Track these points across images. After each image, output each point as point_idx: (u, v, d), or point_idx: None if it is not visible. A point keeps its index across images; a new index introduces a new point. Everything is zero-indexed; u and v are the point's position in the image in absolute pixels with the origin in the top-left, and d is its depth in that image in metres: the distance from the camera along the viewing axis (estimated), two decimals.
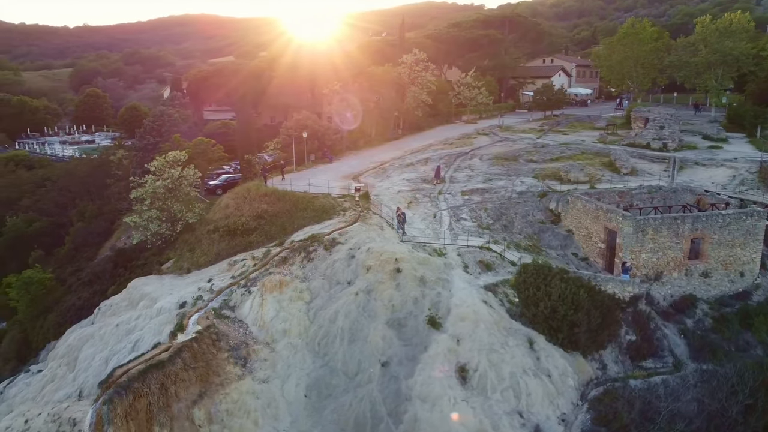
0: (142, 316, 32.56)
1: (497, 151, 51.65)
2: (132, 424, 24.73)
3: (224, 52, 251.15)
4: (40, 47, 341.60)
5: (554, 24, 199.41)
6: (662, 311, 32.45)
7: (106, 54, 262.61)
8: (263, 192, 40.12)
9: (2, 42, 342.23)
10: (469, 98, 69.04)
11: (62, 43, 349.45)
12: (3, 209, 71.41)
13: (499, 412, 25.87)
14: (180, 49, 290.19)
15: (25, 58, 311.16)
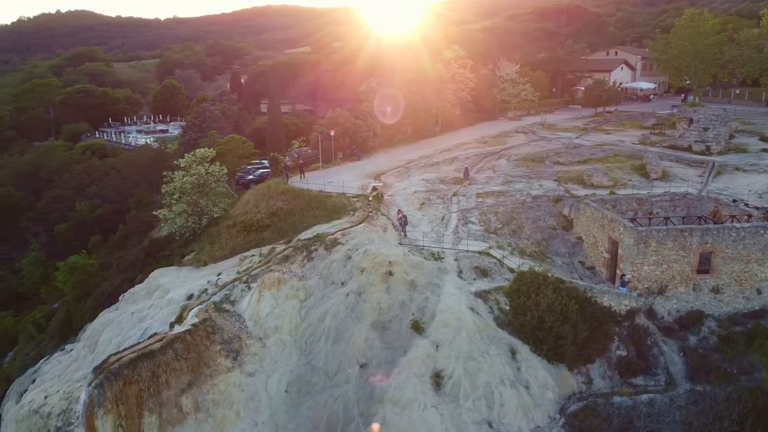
0: (154, 305, 34.87)
1: (527, 152, 50.73)
2: (122, 407, 26.80)
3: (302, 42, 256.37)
4: (133, 39, 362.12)
5: (639, 11, 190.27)
6: (665, 327, 31.22)
7: (190, 45, 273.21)
8: (281, 190, 41.58)
9: (100, 34, 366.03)
10: (513, 95, 67.79)
11: (153, 35, 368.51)
12: (74, 195, 77.23)
13: (468, 421, 26.05)
14: (259, 39, 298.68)
15: (119, 49, 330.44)
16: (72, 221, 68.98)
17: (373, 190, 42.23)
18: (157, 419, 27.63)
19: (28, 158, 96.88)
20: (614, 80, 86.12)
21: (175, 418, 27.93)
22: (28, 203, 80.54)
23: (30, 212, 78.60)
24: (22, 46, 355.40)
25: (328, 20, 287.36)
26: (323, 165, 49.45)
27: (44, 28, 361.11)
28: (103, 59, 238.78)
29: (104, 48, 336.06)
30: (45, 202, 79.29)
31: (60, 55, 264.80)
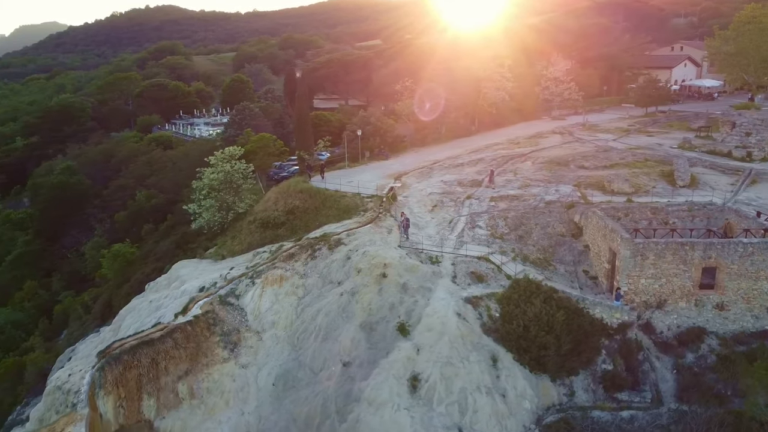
0: (170, 295, 37.25)
1: (555, 154, 49.78)
2: (122, 390, 29.16)
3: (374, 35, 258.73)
4: (215, 33, 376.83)
5: (719, 5, 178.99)
6: (662, 342, 30.37)
7: (265, 39, 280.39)
8: (299, 188, 43.03)
9: (185, 28, 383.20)
10: (556, 94, 66.29)
11: (233, 28, 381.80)
12: (136, 184, 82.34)
13: (438, 425, 26.55)
14: (332, 33, 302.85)
15: (201, 42, 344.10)
16: (130, 210, 73.63)
17: (390, 190, 42.94)
18: (155, 403, 29.85)
19: (101, 148, 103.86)
20: (675, 78, 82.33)
21: (171, 403, 30.05)
22: (96, 191, 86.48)
23: (97, 200, 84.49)
24: (114, 40, 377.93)
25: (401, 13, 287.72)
26: (350, 164, 50.57)
27: (134, 23, 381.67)
28: (183, 53, 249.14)
29: (187, 41, 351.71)
30: (110, 190, 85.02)
31: (146, 49, 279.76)
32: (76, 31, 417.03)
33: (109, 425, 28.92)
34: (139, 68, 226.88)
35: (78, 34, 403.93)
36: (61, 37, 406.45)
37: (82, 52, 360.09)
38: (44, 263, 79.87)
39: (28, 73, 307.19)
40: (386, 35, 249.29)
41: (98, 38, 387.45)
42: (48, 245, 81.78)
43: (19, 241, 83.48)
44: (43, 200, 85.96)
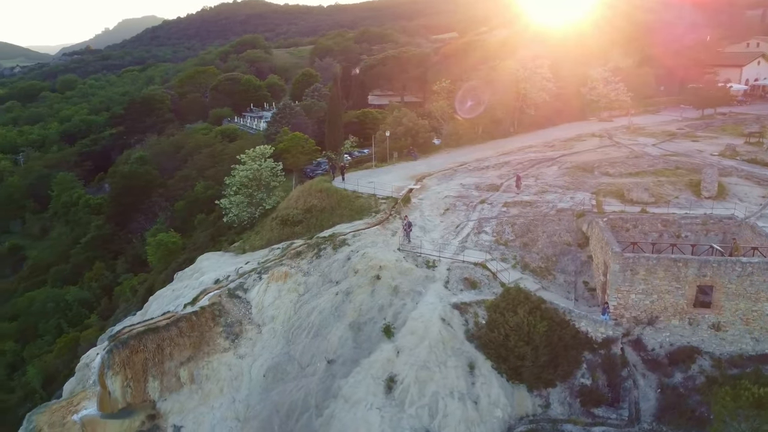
0: (189, 286, 40.00)
1: (584, 159, 48.72)
2: (128, 371, 31.90)
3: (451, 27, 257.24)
4: (297, 26, 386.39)
5: None
6: (651, 359, 29.68)
7: (343, 32, 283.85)
8: (319, 188, 44.67)
9: (269, 21, 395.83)
10: (602, 94, 64.30)
11: (314, 21, 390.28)
12: (197, 175, 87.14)
13: (406, 426, 27.43)
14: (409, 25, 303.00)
15: (284, 36, 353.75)
16: (187, 200, 78.17)
17: (408, 192, 43.77)
18: (158, 385, 32.48)
19: (172, 140, 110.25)
20: (746, 77, 77.57)
21: (173, 386, 32.60)
22: (162, 180, 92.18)
23: (162, 189, 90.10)
24: (203, 33, 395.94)
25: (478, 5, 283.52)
26: (377, 164, 51.68)
27: (222, 17, 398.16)
28: (263, 46, 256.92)
29: (270, 35, 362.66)
30: (175, 180, 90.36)
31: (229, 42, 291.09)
32: (169, 24, 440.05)
33: (116, 402, 31.80)
34: (222, 61, 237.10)
35: (171, 28, 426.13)
36: (156, 30, 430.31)
37: (174, 45, 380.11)
38: (113, 246, 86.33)
39: (124, 65, 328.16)
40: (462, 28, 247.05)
41: (189, 31, 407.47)
42: (117, 230, 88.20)
43: (92, 225, 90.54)
44: (115, 187, 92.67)
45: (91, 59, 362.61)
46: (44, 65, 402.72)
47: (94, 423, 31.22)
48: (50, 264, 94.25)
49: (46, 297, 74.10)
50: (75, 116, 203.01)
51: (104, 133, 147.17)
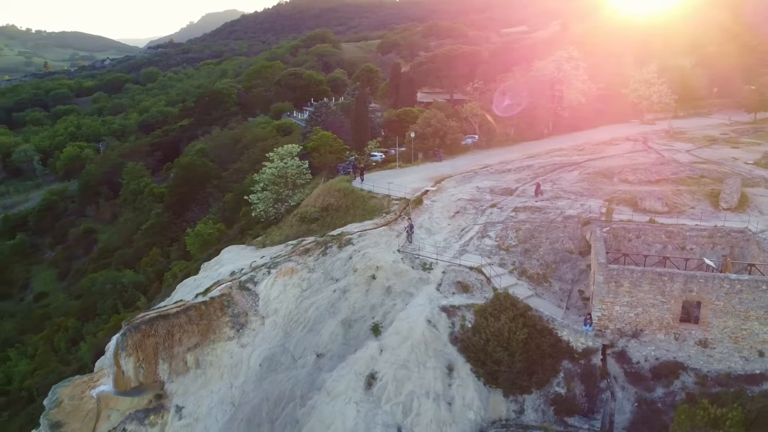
0: (208, 276, 42.66)
1: (607, 165, 47.85)
2: (141, 353, 34.74)
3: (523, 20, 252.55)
4: (369, 19, 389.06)
5: None
6: (634, 372, 29.57)
7: (410, 26, 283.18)
8: (337, 187, 46.29)
9: (341, 15, 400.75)
10: (643, 97, 62.34)
11: (386, 15, 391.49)
12: (249, 168, 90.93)
13: (379, 422, 28.68)
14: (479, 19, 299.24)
15: (355, 29, 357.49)
16: (236, 192, 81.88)
17: (423, 194, 44.68)
18: (168, 368, 35.17)
19: (231, 133, 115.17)
20: None
21: (180, 369, 35.21)
22: (217, 172, 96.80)
23: (216, 180, 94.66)
24: (278, 27, 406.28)
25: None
26: (401, 165, 52.68)
27: (296, 11, 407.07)
28: (332, 40, 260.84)
29: (342, 28, 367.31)
30: (229, 172, 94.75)
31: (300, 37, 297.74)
32: (247, 18, 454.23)
33: (129, 381, 34.76)
34: (292, 55, 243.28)
35: (248, 22, 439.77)
36: (234, 24, 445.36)
37: (250, 39, 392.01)
38: (170, 233, 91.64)
39: (203, 58, 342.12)
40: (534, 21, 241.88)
41: (265, 25, 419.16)
42: (174, 218, 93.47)
43: (152, 212, 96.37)
44: (174, 177, 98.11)
45: (172, 52, 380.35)
46: (131, 58, 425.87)
47: (108, 398, 34.30)
48: (116, 247, 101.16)
49: (105, 279, 79.88)
50: (153, 107, 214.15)
51: (174, 125, 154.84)
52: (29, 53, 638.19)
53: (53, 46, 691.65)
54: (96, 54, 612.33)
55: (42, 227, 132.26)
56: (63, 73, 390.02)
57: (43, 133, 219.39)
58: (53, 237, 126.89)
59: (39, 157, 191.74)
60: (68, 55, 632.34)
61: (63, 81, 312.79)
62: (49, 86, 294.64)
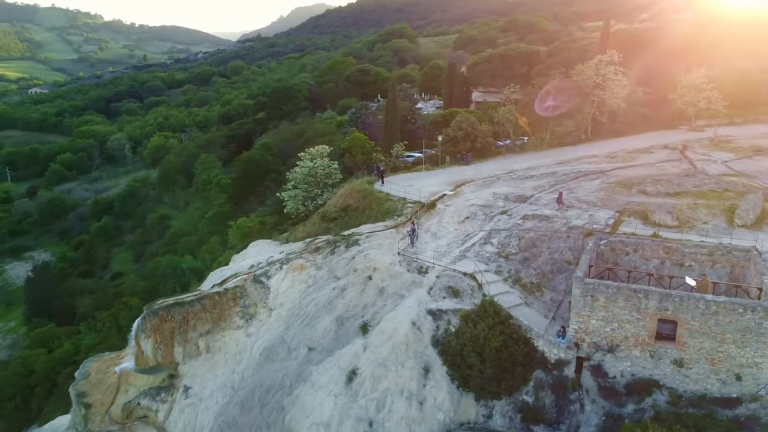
0: (232, 268, 45.87)
1: (632, 174, 46.88)
2: (158, 336, 38.32)
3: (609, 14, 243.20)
4: (450, 13, 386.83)
5: None
6: (608, 387, 29.66)
7: (489, 21, 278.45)
8: (357, 188, 48.22)
9: (422, 9, 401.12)
10: (690, 103, 59.91)
11: (468, 9, 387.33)
12: None
13: (353, 415, 30.55)
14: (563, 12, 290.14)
15: (436, 24, 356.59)
16: None
17: (439, 198, 45.84)
18: (182, 351, 38.58)
19: (294, 128, 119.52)
20: None
21: (193, 353, 38.53)
22: (276, 167, 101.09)
23: (275, 174, 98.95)
24: (361, 22, 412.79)
25: None
26: (427, 168, 53.84)
27: (378, 5, 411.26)
28: (409, 36, 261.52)
29: (422, 22, 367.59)
30: (286, 167, 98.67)
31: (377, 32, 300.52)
32: (331, 13, 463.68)
33: (148, 360, 38.43)
34: (369, 50, 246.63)
35: (332, 16, 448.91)
36: (318, 19, 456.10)
37: (333, 33, 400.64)
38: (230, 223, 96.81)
39: (287, 53, 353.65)
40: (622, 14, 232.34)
41: (348, 20, 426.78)
42: (235, 209, 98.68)
43: (215, 202, 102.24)
44: (237, 170, 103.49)
45: (258, 46, 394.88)
46: (222, 51, 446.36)
47: (128, 375, 38.09)
48: (184, 234, 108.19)
49: (167, 263, 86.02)
50: (235, 100, 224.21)
51: (248, 119, 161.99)
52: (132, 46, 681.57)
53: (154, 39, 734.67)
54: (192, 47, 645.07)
55: (125, 211, 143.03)
56: (159, 66, 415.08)
57: (135, 123, 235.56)
58: (134, 221, 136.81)
59: (130, 145, 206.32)
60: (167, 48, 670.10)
61: (157, 74, 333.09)
62: (144, 78, 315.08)
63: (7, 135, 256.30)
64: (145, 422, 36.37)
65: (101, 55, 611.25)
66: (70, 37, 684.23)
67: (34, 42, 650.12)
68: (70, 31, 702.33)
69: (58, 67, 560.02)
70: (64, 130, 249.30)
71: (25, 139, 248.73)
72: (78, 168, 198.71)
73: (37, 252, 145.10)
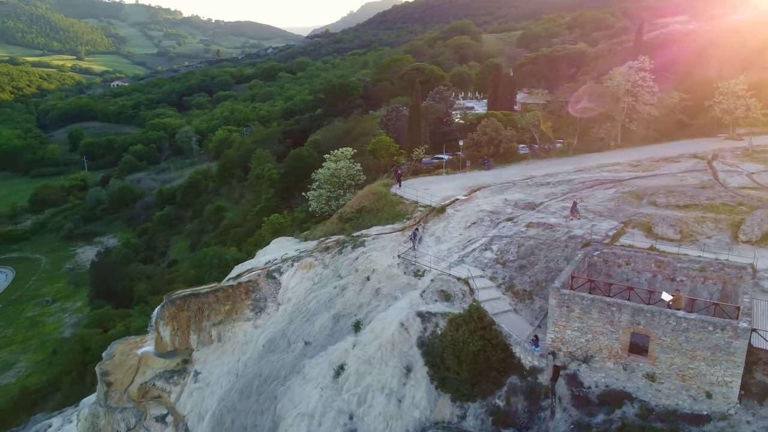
0: (251, 263, 48.66)
1: (647, 185, 46.23)
2: (175, 323, 41.56)
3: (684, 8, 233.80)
4: (517, 9, 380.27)
5: None
6: (581, 396, 30.28)
7: (556, 17, 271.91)
8: (373, 191, 49.93)
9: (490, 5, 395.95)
10: (727, 111, 57.89)
11: (535, 4, 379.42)
12: None
13: (335, 407, 32.54)
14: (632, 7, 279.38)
15: (503, 19, 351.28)
16: None
17: (451, 202, 46.99)
18: (197, 338, 41.68)
19: (343, 126, 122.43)
20: None
21: (206, 341, 41.55)
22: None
23: None
24: (427, 17, 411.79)
25: None
26: (448, 172, 54.83)
27: (444, 1, 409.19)
28: (472, 32, 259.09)
29: (489, 18, 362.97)
30: None
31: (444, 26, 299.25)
32: (397, 9, 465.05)
33: (166, 345, 41.75)
34: (430, 47, 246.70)
35: (399, 12, 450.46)
36: (385, 15, 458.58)
37: (398, 29, 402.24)
38: None
39: (352, 48, 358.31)
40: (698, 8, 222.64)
41: (414, 15, 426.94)
42: (281, 203, 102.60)
43: (263, 197, 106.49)
44: (285, 166, 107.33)
45: (325, 42, 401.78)
46: (290, 47, 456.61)
47: (147, 357, 41.55)
48: (235, 226, 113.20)
49: (214, 254, 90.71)
50: (297, 96, 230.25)
51: (304, 115, 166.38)
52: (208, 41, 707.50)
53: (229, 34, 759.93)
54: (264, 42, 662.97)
55: (186, 202, 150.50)
56: (230, 61, 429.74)
57: (203, 117, 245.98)
58: (193, 211, 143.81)
59: (196, 138, 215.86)
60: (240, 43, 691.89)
61: (227, 69, 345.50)
62: (214, 73, 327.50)
63: (88, 126, 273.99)
64: (159, 402, 39.67)
65: (179, 50, 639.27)
66: (151, 32, 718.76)
67: (118, 37, 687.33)
68: (151, 27, 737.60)
69: (139, 61, 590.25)
70: (138, 122, 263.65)
71: (103, 130, 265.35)
72: (148, 159, 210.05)
73: (106, 237, 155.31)
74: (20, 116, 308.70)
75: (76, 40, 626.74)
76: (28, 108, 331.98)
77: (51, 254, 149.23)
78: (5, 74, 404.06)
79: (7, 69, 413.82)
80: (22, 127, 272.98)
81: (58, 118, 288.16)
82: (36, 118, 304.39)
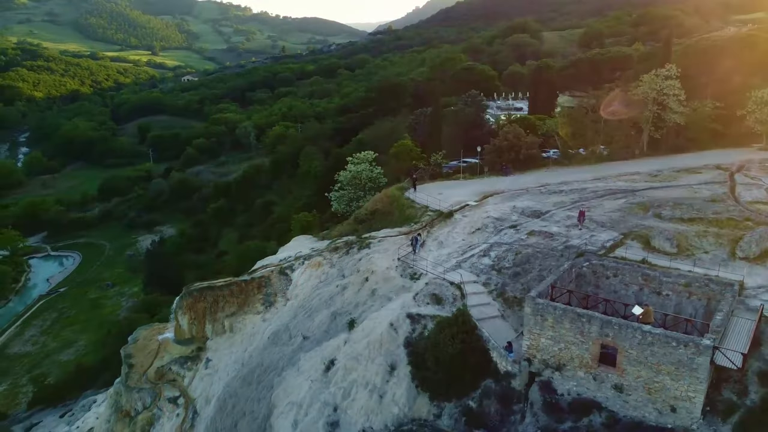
0: (269, 259, 51.47)
1: (657, 196, 45.78)
2: (192, 313, 44.87)
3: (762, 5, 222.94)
4: (585, 5, 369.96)
5: None
6: (552, 403, 31.20)
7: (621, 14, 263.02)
8: (388, 194, 51.74)
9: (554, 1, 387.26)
10: (761, 121, 56.07)
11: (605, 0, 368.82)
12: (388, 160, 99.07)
13: (321, 399, 34.71)
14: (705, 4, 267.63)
15: (568, 16, 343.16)
16: None
17: (461, 208, 48.26)
18: (212, 328, 44.85)
19: (389, 125, 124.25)
20: None
21: (219, 331, 44.64)
22: None
23: None
24: (490, 14, 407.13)
25: None
26: (465, 177, 55.88)
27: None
28: (532, 30, 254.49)
29: (554, 14, 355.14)
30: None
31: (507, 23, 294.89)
32: (461, 5, 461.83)
33: (184, 333, 45.14)
34: (488, 45, 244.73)
35: (462, 8, 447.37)
36: (448, 11, 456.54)
37: (460, 26, 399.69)
38: None
39: (413, 45, 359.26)
40: None
41: (477, 12, 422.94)
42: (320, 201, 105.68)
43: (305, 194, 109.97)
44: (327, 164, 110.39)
45: (387, 39, 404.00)
46: (353, 43, 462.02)
47: (167, 344, 45.04)
48: (281, 220, 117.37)
49: (255, 247, 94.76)
50: (353, 93, 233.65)
51: (355, 113, 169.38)
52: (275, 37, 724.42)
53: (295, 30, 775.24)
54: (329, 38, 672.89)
55: (240, 195, 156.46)
56: (294, 57, 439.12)
57: (263, 112, 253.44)
58: (245, 204, 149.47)
59: (255, 133, 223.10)
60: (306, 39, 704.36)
61: (289, 65, 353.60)
62: (277, 70, 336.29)
63: (157, 119, 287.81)
64: (173, 385, 43.04)
65: (247, 46, 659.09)
66: (221, 28, 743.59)
67: (191, 33, 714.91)
68: (222, 23, 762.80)
69: (209, 56, 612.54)
70: (203, 116, 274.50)
71: (170, 124, 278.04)
72: (209, 152, 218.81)
73: (165, 227, 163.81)
74: (96, 109, 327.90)
75: (151, 36, 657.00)
76: (104, 101, 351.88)
77: (115, 241, 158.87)
78: (86, 68, 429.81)
79: (87, 63, 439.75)
80: (97, 120, 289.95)
81: (130, 111, 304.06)
82: (110, 111, 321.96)
